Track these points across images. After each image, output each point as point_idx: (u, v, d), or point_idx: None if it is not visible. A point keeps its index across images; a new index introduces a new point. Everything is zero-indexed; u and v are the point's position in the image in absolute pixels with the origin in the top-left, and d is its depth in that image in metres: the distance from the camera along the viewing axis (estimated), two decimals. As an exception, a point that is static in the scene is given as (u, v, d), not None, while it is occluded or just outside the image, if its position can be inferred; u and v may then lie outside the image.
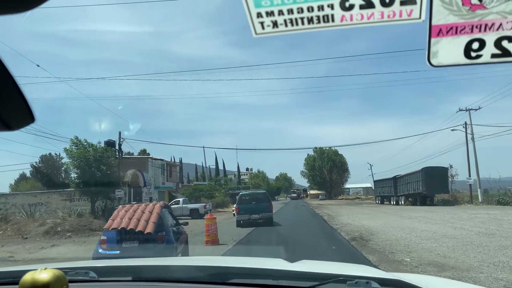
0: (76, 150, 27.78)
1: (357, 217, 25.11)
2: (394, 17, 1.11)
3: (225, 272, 2.21)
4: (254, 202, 23.12)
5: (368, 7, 1.10)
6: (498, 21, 1.08)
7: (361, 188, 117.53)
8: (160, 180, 42.87)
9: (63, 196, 34.46)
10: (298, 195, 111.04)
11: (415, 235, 13.65)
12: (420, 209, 32.13)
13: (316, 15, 1.14)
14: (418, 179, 40.50)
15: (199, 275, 2.21)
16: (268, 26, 1.18)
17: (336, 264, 3.21)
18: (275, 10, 1.15)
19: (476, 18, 1.09)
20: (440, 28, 1.12)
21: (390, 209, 34.16)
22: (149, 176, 40.19)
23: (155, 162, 42.58)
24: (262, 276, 2.15)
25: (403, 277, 2.07)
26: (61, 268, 1.45)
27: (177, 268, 2.37)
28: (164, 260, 2.87)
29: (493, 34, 1.10)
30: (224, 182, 79.94)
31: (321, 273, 2.09)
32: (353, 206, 46.19)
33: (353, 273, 2.07)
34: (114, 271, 2.33)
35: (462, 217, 20.87)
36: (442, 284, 2.37)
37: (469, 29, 1.11)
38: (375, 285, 1.77)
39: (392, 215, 26.23)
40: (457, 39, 1.13)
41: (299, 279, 2.02)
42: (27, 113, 1.07)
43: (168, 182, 45.88)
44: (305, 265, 2.50)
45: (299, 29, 1.17)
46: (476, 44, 1.12)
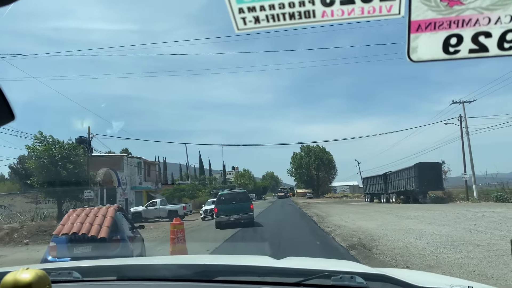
0: (40, 147, 26.03)
1: (349, 217, 23.46)
2: (374, 13, 1.14)
3: (211, 270, 2.20)
4: (233, 202, 22.37)
5: (348, 2, 1.14)
6: (474, 16, 1.12)
7: (347, 186, 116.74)
8: (136, 180, 39.88)
9: (28, 198, 30.55)
10: (285, 194, 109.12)
11: (426, 241, 11.99)
12: (414, 207, 30.96)
13: (298, 10, 1.17)
14: (411, 175, 39.14)
15: (184, 273, 2.18)
16: (250, 22, 1.21)
17: (322, 261, 3.19)
18: (257, 6, 1.18)
19: (453, 13, 1.13)
20: (419, 23, 1.16)
21: (382, 208, 32.92)
22: (124, 175, 37.22)
23: (131, 161, 39.50)
24: (247, 273, 2.17)
25: (388, 272, 2.06)
26: (44, 269, 1.49)
27: (162, 266, 2.34)
28: (149, 259, 3.01)
29: (470, 30, 1.14)
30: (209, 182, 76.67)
31: (306, 269, 2.11)
32: (342, 205, 45.19)
33: (338, 268, 2.09)
34: (98, 271, 2.31)
35: (468, 216, 19.37)
36: (426, 278, 2.31)
37: (447, 24, 1.15)
38: (360, 279, 1.79)
39: (387, 214, 24.74)
40: (436, 35, 1.16)
41: (285, 275, 2.05)
42: (6, 111, 1.10)
43: (146, 182, 42.85)
44: (291, 261, 2.52)
45: (281, 24, 1.20)
46: (454, 40, 1.16)
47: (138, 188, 41.51)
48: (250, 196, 25.14)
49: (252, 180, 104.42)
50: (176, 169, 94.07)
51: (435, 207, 29.13)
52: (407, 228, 15.07)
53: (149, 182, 45.67)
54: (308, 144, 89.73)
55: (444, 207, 28.42)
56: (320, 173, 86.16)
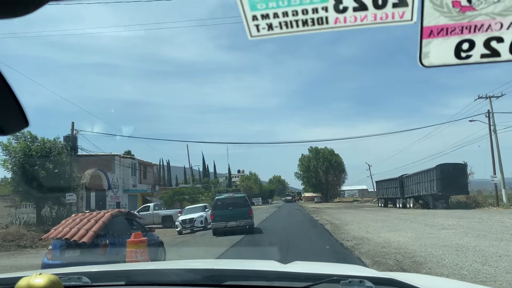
0: (16, 145, 23.69)
1: (370, 227, 20.30)
2: (387, 19, 1.16)
3: (219, 275, 2.24)
4: (230, 207, 21.10)
5: (361, 9, 1.15)
6: (487, 22, 1.13)
7: (356, 190, 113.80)
8: (130, 182, 36.31)
9: (7, 202, 29.46)
10: (292, 198, 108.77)
11: (501, 268, 8.58)
12: (440, 213, 28.00)
13: (311, 17, 1.19)
14: (432, 177, 36.25)
15: (193, 277, 2.24)
16: (263, 29, 1.22)
17: (329, 265, 3.21)
18: (270, 13, 1.20)
19: (465, 19, 1.14)
20: (431, 29, 1.17)
21: (403, 214, 30.03)
22: (115, 177, 33.50)
23: (124, 161, 35.54)
24: (255, 277, 2.20)
25: (397, 276, 2.11)
26: (54, 274, 1.53)
27: (170, 271, 2.42)
28: (157, 264, 3.19)
29: (482, 35, 1.15)
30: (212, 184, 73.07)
31: (314, 274, 2.15)
32: (355, 210, 42.62)
33: (346, 272, 2.12)
34: (108, 276, 2.35)
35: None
36: (435, 282, 2.38)
37: (459, 30, 1.16)
38: (369, 284, 1.82)
39: (413, 222, 21.62)
40: (448, 40, 1.17)
41: (293, 280, 2.09)
42: (21, 117, 1.12)
43: (142, 185, 39.33)
44: (298, 266, 2.57)
45: (294, 31, 1.21)
46: (466, 45, 1.17)
47: (132, 191, 38.16)
48: (250, 201, 24.72)
49: (258, 184, 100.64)
50: (180, 172, 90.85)
51: (464, 213, 27.02)
52: (454, 244, 12.28)
53: (145, 184, 41.89)
54: (316, 146, 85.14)
55: (475, 213, 26.34)
56: (329, 176, 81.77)
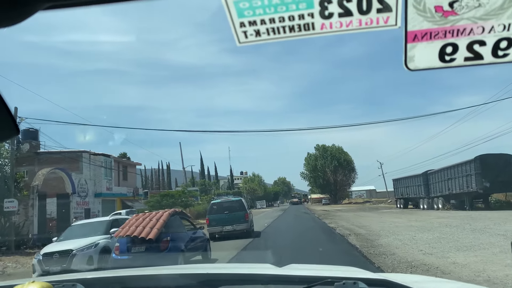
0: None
1: (416, 240, 14.64)
2: (372, 24, 1.19)
3: (214, 279, 2.25)
4: (226, 211, 20.87)
5: (346, 15, 1.18)
6: (469, 26, 1.18)
7: (364, 190, 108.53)
8: (103, 185, 29.11)
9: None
10: (299, 199, 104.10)
11: None
12: (493, 216, 23.00)
13: (297, 23, 1.22)
14: (469, 172, 31.00)
15: (188, 282, 2.25)
16: (251, 35, 1.25)
17: (325, 267, 3.09)
18: (258, 20, 1.23)
19: (448, 23, 1.18)
20: (416, 34, 1.20)
21: (441, 218, 24.67)
22: (83, 178, 26.50)
23: (95, 159, 28.58)
24: (251, 281, 2.24)
25: (391, 277, 2.14)
26: (48, 281, 1.57)
27: (165, 276, 2.38)
28: (153, 269, 2.78)
29: (465, 39, 1.19)
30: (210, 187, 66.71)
31: (309, 276, 2.15)
32: (374, 213, 38.00)
33: (341, 274, 2.12)
34: (102, 282, 2.37)
35: None
36: (429, 283, 2.39)
37: (443, 34, 1.20)
38: (362, 285, 1.83)
39: (478, 232, 15.79)
40: (432, 44, 1.21)
41: (288, 283, 2.14)
42: (12, 125, 1.11)
43: (121, 187, 32.62)
44: (294, 269, 2.59)
45: (281, 37, 1.25)
46: (449, 48, 1.21)
47: (106, 195, 31.22)
48: (253, 204, 26.77)
49: (263, 186, 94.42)
50: (181, 175, 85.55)
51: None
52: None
53: (126, 187, 34.89)
54: (323, 144, 78.71)
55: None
56: (338, 176, 74.96)
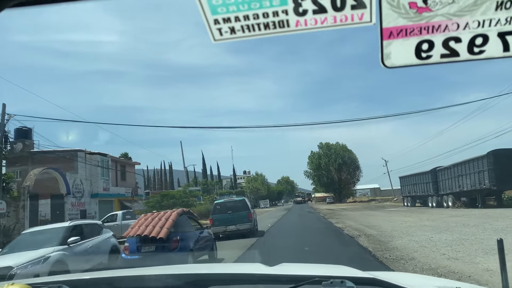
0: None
1: (435, 241, 13.30)
2: (347, 21, 1.18)
3: (203, 279, 2.27)
4: (230, 211, 21.03)
5: (320, 12, 1.18)
6: (443, 22, 1.17)
7: (368, 189, 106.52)
8: (100, 185, 27.90)
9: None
10: (303, 198, 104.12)
11: None
12: (506, 214, 21.91)
13: (272, 20, 1.21)
14: (482, 168, 29.85)
15: (176, 283, 2.21)
16: (226, 33, 1.24)
17: (314, 266, 3.10)
18: (232, 17, 1.22)
19: (423, 20, 1.18)
20: (391, 30, 1.20)
21: (455, 217, 23.52)
22: (78, 178, 25.36)
23: (91, 159, 27.38)
24: (240, 281, 2.22)
25: (379, 275, 2.17)
26: (32, 284, 1.55)
27: (152, 277, 2.35)
28: (141, 270, 2.81)
29: (441, 35, 1.19)
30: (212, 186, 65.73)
31: (297, 275, 2.19)
32: (381, 212, 36.87)
33: (329, 273, 2.13)
34: (88, 284, 2.34)
35: None
36: (417, 280, 2.39)
37: (418, 31, 1.19)
38: (350, 284, 1.85)
39: (499, 232, 14.46)
40: (408, 41, 1.21)
41: (276, 282, 2.14)
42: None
43: (119, 188, 31.32)
44: (283, 268, 2.56)
45: (257, 34, 1.24)
46: (425, 45, 1.20)
47: (103, 196, 30.03)
48: (257, 204, 27.03)
49: (266, 185, 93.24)
50: (183, 175, 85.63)
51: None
52: None
53: (124, 188, 33.64)
54: (327, 142, 77.26)
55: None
56: (342, 174, 73.57)
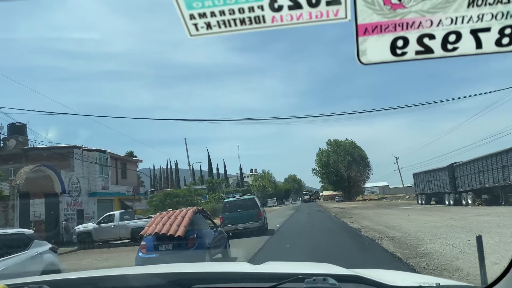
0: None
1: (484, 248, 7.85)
2: (322, 17, 1.19)
3: (186, 278, 2.22)
4: (239, 210, 21.25)
5: (296, 7, 1.19)
6: (417, 19, 1.19)
7: (377, 187, 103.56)
8: (98, 183, 26.16)
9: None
10: (310, 197, 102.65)
11: None
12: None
13: (248, 16, 1.23)
14: (506, 163, 27.84)
15: (159, 282, 2.19)
16: (202, 28, 1.25)
17: (299, 264, 3.24)
18: (207, 12, 1.23)
19: (397, 17, 1.19)
20: (366, 27, 1.21)
21: (486, 215, 21.65)
22: (75, 176, 23.52)
23: (89, 155, 25.49)
24: (223, 279, 2.23)
25: (361, 272, 2.15)
26: (12, 284, 1.56)
27: (135, 276, 2.36)
28: (124, 269, 2.85)
29: (415, 32, 1.20)
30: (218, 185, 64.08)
31: (281, 273, 2.20)
32: (397, 211, 35.18)
33: (312, 271, 2.20)
34: (70, 284, 2.31)
35: None
36: (398, 277, 2.35)
37: (393, 27, 1.20)
38: (332, 281, 1.86)
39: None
40: (383, 37, 1.22)
41: (260, 281, 2.14)
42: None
43: (119, 186, 29.70)
44: (268, 266, 2.58)
45: (233, 30, 1.25)
46: (400, 42, 1.22)
47: (102, 194, 28.49)
48: (264, 202, 27.43)
49: (273, 183, 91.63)
50: (189, 174, 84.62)
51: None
52: None
53: (125, 186, 31.87)
54: (336, 139, 75.43)
55: None
56: (351, 172, 71.28)
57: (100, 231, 23.36)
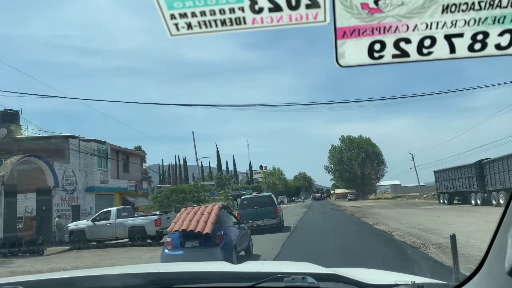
0: None
1: None
2: (302, 20, 1.21)
3: (164, 278, 2.19)
4: (256, 206, 21.32)
5: (276, 10, 1.21)
6: (394, 24, 1.21)
7: (388, 185, 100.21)
8: (97, 177, 23.90)
9: None
10: (322, 195, 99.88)
11: None
12: None
13: (229, 17, 1.24)
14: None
15: (137, 282, 2.16)
16: (182, 28, 1.26)
17: (279, 263, 3.59)
18: (188, 12, 1.24)
19: (375, 21, 1.21)
20: (345, 30, 1.23)
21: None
22: (70, 169, 21.07)
23: (86, 147, 23.15)
24: (202, 279, 2.22)
25: (339, 271, 2.16)
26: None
27: (112, 276, 2.28)
28: (101, 269, 3.11)
29: (392, 36, 1.23)
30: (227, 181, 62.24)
31: (260, 272, 2.19)
32: (421, 211, 32.17)
33: (292, 270, 2.23)
34: (45, 285, 2.28)
35: None
36: (375, 276, 2.36)
37: (370, 31, 1.22)
38: (311, 280, 1.88)
39: None
40: (361, 41, 1.24)
41: (239, 280, 2.13)
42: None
43: (121, 181, 27.19)
44: (248, 265, 2.66)
45: (214, 31, 1.26)
46: (378, 45, 1.24)
47: (100, 189, 25.84)
48: (278, 200, 24.49)
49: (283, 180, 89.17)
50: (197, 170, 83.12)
51: None
52: None
53: (127, 181, 29.50)
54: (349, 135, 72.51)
55: None
56: (366, 169, 68.51)
57: (95, 230, 21.14)
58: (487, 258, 1.46)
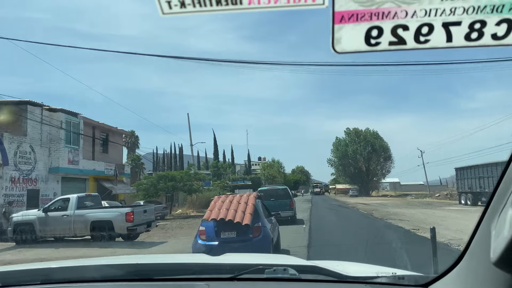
0: None
1: None
2: (300, 2, 1.20)
3: (144, 269, 2.14)
4: (272, 198, 21.45)
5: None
6: (393, 9, 1.20)
7: (387, 183, 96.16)
8: (64, 156, 18.16)
9: None
10: (321, 189, 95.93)
11: None
12: None
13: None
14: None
15: (116, 273, 2.09)
16: (175, 6, 1.22)
17: (259, 255, 3.43)
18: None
19: (374, 5, 1.20)
20: (343, 14, 1.21)
21: None
22: (26, 143, 15.35)
23: (52, 118, 17.74)
24: (182, 270, 2.15)
25: (320, 263, 2.17)
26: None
27: (91, 267, 2.24)
28: (80, 261, 2.66)
29: (390, 22, 1.22)
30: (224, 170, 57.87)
31: (241, 264, 2.18)
32: (450, 212, 27.05)
33: (273, 261, 2.26)
34: (20, 276, 2.16)
35: None
36: (356, 268, 2.33)
37: (369, 16, 1.21)
38: (292, 271, 1.88)
39: None
40: (358, 26, 1.22)
41: (220, 272, 2.09)
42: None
43: (96, 162, 21.43)
44: (228, 257, 2.62)
45: (208, 10, 1.22)
46: (375, 32, 1.23)
47: (68, 171, 20.52)
48: (291, 193, 23.97)
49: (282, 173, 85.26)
50: (195, 160, 78.48)
51: None
52: None
53: (104, 162, 24.23)
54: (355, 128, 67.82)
55: None
56: (371, 165, 63.81)
57: (47, 222, 16.52)
58: (467, 250, 1.46)
